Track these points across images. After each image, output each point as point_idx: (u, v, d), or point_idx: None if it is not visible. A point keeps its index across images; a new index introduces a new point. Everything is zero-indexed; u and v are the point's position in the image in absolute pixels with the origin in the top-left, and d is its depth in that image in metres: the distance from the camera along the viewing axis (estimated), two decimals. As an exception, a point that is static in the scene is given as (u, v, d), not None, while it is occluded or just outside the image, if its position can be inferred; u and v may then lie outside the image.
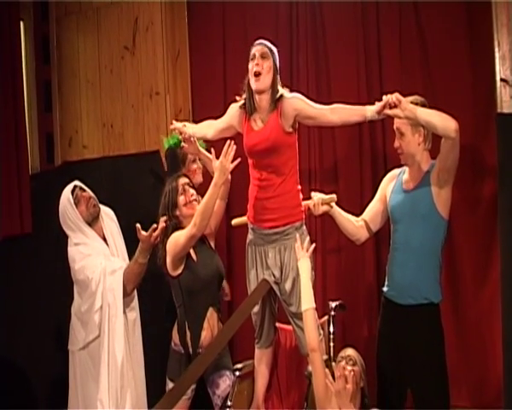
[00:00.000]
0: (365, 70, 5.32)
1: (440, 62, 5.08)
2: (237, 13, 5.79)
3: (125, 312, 4.36)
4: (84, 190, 4.56)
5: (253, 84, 4.12)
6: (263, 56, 4.12)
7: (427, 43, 5.15)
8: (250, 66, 4.14)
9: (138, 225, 4.20)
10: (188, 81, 5.95)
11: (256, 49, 4.15)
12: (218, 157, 4.12)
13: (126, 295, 4.34)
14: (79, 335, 4.43)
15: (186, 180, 4.45)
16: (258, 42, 4.21)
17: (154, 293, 4.87)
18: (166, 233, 4.30)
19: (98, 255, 4.44)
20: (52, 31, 6.15)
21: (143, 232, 4.21)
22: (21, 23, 5.91)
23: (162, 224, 4.25)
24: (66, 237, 4.55)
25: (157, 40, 5.79)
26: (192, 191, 4.40)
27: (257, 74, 4.09)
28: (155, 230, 4.22)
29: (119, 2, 5.92)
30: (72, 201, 4.47)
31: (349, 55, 5.37)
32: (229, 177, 4.25)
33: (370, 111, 3.87)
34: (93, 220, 4.52)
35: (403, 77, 5.14)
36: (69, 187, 4.54)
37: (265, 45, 4.17)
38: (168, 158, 5.27)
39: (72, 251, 4.48)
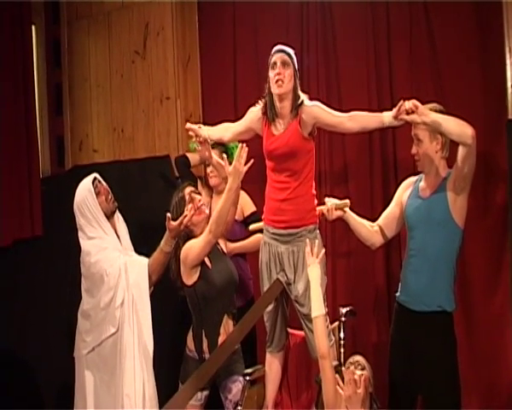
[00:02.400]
0: (375, 76, 5.33)
1: (451, 69, 5.09)
2: (248, 18, 5.80)
3: None
4: (102, 184, 4.57)
5: (276, 89, 4.13)
6: (284, 64, 4.13)
7: (438, 49, 5.16)
8: (271, 74, 4.16)
9: (169, 214, 4.23)
10: (198, 86, 5.97)
11: (277, 57, 4.16)
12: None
13: (151, 285, 4.34)
14: (88, 336, 4.41)
15: (192, 188, 4.47)
16: (277, 48, 4.20)
17: (163, 300, 4.87)
18: (179, 245, 4.32)
19: (114, 250, 4.43)
20: (63, 35, 6.18)
21: (173, 222, 4.22)
22: (33, 27, 5.93)
23: (191, 211, 4.28)
24: (77, 237, 4.55)
25: (168, 45, 5.80)
26: (199, 197, 4.42)
27: (278, 81, 4.12)
28: (185, 217, 4.25)
29: (130, 6, 5.94)
30: (93, 190, 4.48)
31: (359, 61, 5.39)
32: (240, 184, 4.27)
33: (388, 117, 3.91)
34: (110, 216, 4.53)
35: (413, 82, 5.15)
36: (89, 178, 4.55)
37: (285, 52, 4.17)
38: (178, 165, 5.30)
39: (86, 245, 4.46)
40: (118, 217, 4.62)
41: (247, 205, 4.93)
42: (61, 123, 6.20)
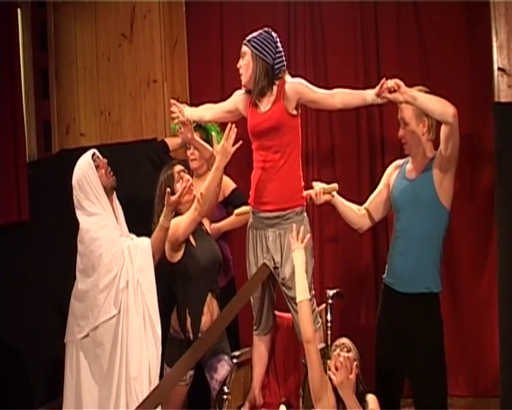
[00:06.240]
0: (363, 60, 5.39)
1: (438, 52, 5.12)
2: (235, 1, 5.79)
3: None
4: (101, 158, 4.54)
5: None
6: (242, 56, 4.24)
7: (425, 32, 5.21)
8: None
9: (168, 190, 4.18)
10: (185, 69, 5.97)
11: None
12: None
13: (154, 264, 4.30)
14: (83, 320, 4.37)
15: (181, 167, 4.47)
16: None
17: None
18: None
19: (114, 229, 4.40)
20: (49, 18, 6.11)
21: (172, 197, 4.19)
22: (19, 10, 5.88)
23: (189, 183, 4.31)
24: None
25: (155, 28, 5.78)
26: (188, 177, 4.43)
27: (241, 76, 4.28)
28: (185, 188, 4.25)
29: (116, -11, 5.91)
30: (93, 164, 4.42)
31: (347, 46, 5.43)
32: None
33: (370, 95, 3.97)
34: (109, 192, 4.47)
35: (401, 66, 5.19)
36: (88, 153, 4.49)
37: (244, 43, 4.24)
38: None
39: (86, 222, 4.37)
40: (115, 197, 4.58)
41: (226, 185, 4.92)
42: (48, 107, 6.15)
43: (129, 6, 5.85)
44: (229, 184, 4.98)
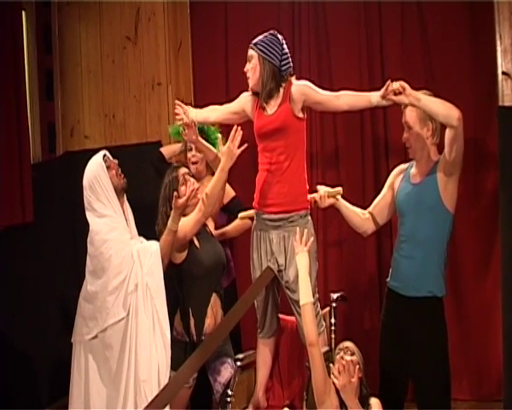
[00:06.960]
0: (367, 62, 5.38)
1: (442, 55, 5.12)
2: (239, 3, 5.80)
3: None
4: (112, 159, 4.52)
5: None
6: (249, 59, 4.28)
7: (429, 36, 5.20)
8: None
9: (176, 193, 4.17)
10: (190, 71, 5.96)
11: None
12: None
13: (164, 268, 4.28)
14: (92, 321, 4.36)
15: (186, 170, 4.46)
16: None
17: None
18: (166, 224, 4.32)
19: (124, 231, 4.39)
20: (54, 20, 6.12)
21: (180, 200, 4.17)
22: (23, 12, 5.89)
23: (195, 185, 4.30)
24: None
25: (159, 30, 5.79)
26: (193, 180, 4.42)
27: (248, 79, 4.31)
28: (192, 191, 4.25)
29: (121, -8, 5.92)
30: (104, 165, 4.40)
31: (351, 47, 5.43)
32: None
33: (375, 97, 3.99)
34: (119, 193, 4.44)
35: (405, 70, 5.16)
36: (99, 154, 4.46)
37: (251, 47, 4.28)
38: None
39: (96, 223, 4.35)
40: (125, 199, 4.56)
41: (226, 193, 4.89)
42: (53, 109, 6.15)
43: (133, 8, 5.87)
44: (229, 192, 4.96)
